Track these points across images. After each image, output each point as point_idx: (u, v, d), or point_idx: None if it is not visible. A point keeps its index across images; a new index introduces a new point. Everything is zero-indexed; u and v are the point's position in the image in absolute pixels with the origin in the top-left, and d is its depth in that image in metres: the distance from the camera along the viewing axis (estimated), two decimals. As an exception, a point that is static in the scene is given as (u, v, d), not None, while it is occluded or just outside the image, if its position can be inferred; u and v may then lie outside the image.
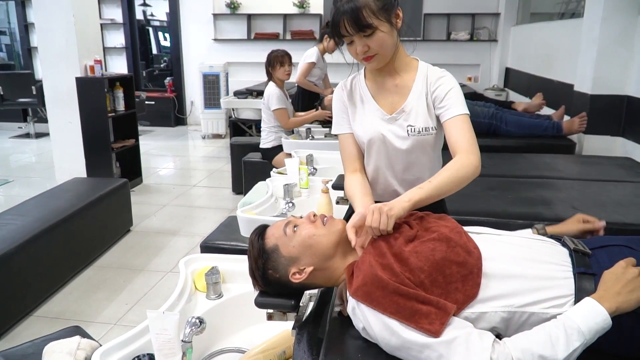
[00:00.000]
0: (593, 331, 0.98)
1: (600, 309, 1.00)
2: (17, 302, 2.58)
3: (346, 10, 1.36)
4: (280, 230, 1.28)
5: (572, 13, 5.00)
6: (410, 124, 1.49)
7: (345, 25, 1.37)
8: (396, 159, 1.54)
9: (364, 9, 1.35)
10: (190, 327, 1.31)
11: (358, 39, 1.40)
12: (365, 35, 1.38)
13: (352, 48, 1.43)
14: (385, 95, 1.54)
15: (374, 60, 1.44)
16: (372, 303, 1.06)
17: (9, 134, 7.44)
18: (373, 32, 1.38)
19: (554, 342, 0.97)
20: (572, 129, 3.38)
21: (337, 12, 1.39)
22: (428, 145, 1.52)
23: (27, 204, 3.13)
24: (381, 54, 1.43)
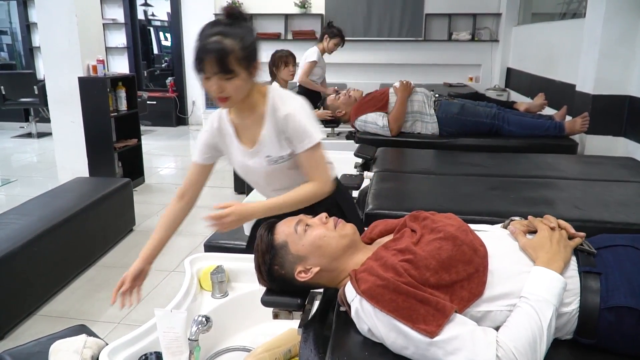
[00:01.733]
0: (556, 295, 1.06)
1: (553, 273, 1.09)
2: (20, 301, 2.58)
3: (214, 50, 1.41)
4: (291, 228, 1.29)
5: (574, 13, 5.01)
6: (267, 155, 1.61)
7: (210, 65, 1.42)
8: (265, 181, 1.70)
9: (229, 55, 1.42)
10: (197, 326, 1.32)
11: (216, 79, 1.45)
12: (225, 78, 1.44)
13: (208, 84, 1.48)
14: (245, 130, 1.65)
15: (227, 102, 1.51)
16: (374, 300, 1.07)
17: (11, 134, 7.45)
18: (232, 77, 1.45)
19: (534, 320, 1.02)
20: (574, 129, 3.38)
21: (203, 48, 1.43)
22: (287, 168, 1.64)
23: (30, 203, 3.14)
24: (234, 97, 1.50)
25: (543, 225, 1.23)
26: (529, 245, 1.17)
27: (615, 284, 1.11)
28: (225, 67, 1.42)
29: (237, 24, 1.49)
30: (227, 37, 1.43)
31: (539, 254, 1.14)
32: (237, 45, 1.43)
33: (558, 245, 1.16)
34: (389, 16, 7.09)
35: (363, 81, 6.83)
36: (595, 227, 1.85)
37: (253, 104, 1.60)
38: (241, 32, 1.46)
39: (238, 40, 1.44)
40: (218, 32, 1.44)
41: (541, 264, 1.11)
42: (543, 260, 1.12)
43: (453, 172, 2.61)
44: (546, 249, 1.14)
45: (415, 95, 3.53)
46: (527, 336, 1.00)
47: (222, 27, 1.46)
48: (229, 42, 1.42)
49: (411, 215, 1.34)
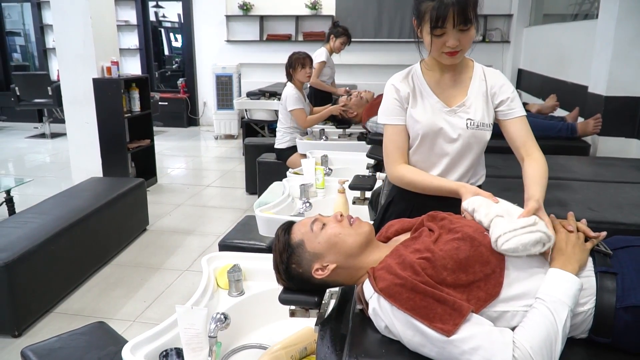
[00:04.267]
0: (571, 296, 1.07)
1: (568, 275, 1.10)
2: (38, 298, 2.63)
3: (456, 1, 1.39)
4: (307, 227, 1.31)
5: (586, 14, 4.99)
6: (470, 118, 1.56)
7: (453, 18, 1.40)
8: (445, 152, 1.60)
9: (470, 4, 1.41)
10: (216, 323, 1.34)
11: (453, 33, 1.44)
12: (462, 29, 1.43)
13: (440, 40, 1.46)
14: (443, 89, 1.61)
15: (457, 55, 1.50)
16: (392, 299, 1.09)
17: (25, 134, 7.55)
18: (469, 28, 1.44)
19: (549, 321, 1.03)
20: (587, 131, 3.37)
21: (442, 2, 1.40)
22: (481, 142, 1.60)
23: (47, 203, 3.19)
24: (464, 50, 1.50)
25: (561, 227, 1.24)
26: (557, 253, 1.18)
27: (631, 284, 1.12)
28: (467, 17, 1.42)
29: None
30: None
31: (555, 256, 1.15)
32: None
33: (574, 248, 1.17)
34: (399, 17, 7.10)
35: (374, 82, 6.84)
36: (609, 228, 1.83)
37: (460, 65, 1.61)
38: None
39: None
40: None
41: (557, 266, 1.12)
42: (559, 262, 1.13)
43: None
44: (562, 251, 1.16)
45: (427, 97, 3.53)
46: (543, 337, 1.02)
47: None
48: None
49: (429, 215, 1.35)
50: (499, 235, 1.15)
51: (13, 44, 9.96)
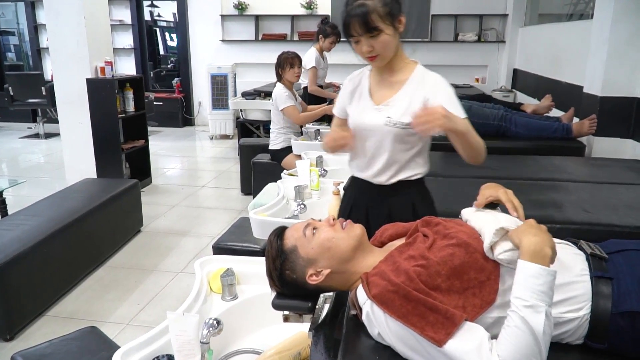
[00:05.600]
0: (545, 292, 0.99)
1: (538, 268, 1.01)
2: (30, 301, 2.60)
3: (357, 13, 1.54)
4: (299, 232, 1.30)
5: (581, 14, 5.00)
6: (389, 116, 1.65)
7: (356, 27, 1.54)
8: (366, 147, 1.71)
9: (372, 13, 1.53)
10: (208, 329, 1.32)
11: (365, 40, 1.56)
12: (371, 36, 1.55)
13: (358, 47, 1.60)
14: (379, 89, 1.72)
15: (377, 59, 1.61)
16: (385, 306, 1.08)
17: (19, 134, 7.50)
18: (378, 34, 1.55)
19: (526, 333, 0.97)
20: (582, 131, 3.38)
21: (348, 14, 1.56)
22: (402, 140, 1.66)
23: (40, 204, 3.16)
24: (383, 54, 1.60)
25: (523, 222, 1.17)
26: (513, 234, 1.10)
27: (627, 289, 1.11)
28: (370, 25, 1.53)
29: None
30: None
31: (524, 240, 1.05)
32: (378, 3, 1.54)
33: (544, 233, 1.08)
34: (395, 17, 7.08)
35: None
36: (604, 230, 1.86)
37: (398, 67, 1.69)
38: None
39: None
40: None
41: (526, 256, 1.03)
42: (529, 250, 1.03)
43: (460, 174, 2.61)
44: (532, 232, 1.07)
45: (422, 97, 3.53)
46: (523, 349, 0.97)
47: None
48: (370, 3, 1.54)
49: (423, 220, 1.34)
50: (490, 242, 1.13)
51: (7, 43, 9.91)
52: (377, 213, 1.76)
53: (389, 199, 1.74)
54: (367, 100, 1.72)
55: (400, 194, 1.73)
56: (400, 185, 1.72)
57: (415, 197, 1.76)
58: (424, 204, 1.78)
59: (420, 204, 1.76)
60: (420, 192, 1.78)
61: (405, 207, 1.74)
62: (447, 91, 1.63)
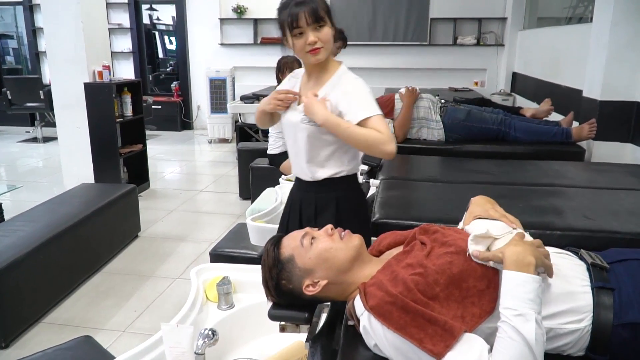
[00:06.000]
0: (532, 299, 1.00)
1: (523, 276, 1.02)
2: (26, 309, 2.58)
3: (305, 4, 1.60)
4: (297, 241, 1.28)
5: (580, 18, 4.99)
6: (305, 115, 1.70)
7: (305, 17, 1.59)
8: (290, 143, 1.81)
9: (319, 5, 1.62)
10: (203, 339, 1.31)
11: (310, 31, 1.61)
12: (318, 26, 1.61)
13: (302, 40, 1.62)
14: (307, 89, 1.78)
15: (319, 52, 1.64)
16: (382, 318, 1.06)
17: (17, 138, 7.48)
18: (324, 25, 1.62)
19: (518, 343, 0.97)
20: (582, 136, 3.36)
21: (295, 6, 1.60)
22: (318, 138, 1.70)
23: (37, 210, 3.14)
24: (325, 47, 1.65)
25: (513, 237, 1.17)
26: (496, 250, 1.10)
27: (629, 300, 1.09)
28: (318, 15, 1.60)
29: None
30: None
31: (506, 251, 1.07)
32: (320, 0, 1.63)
33: (527, 244, 1.10)
34: (394, 20, 7.08)
35: (368, 85, 6.82)
36: (606, 237, 1.83)
37: (326, 67, 1.74)
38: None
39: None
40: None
41: (511, 266, 1.04)
42: (512, 260, 1.05)
43: (460, 179, 2.59)
44: (513, 243, 1.09)
45: (421, 102, 3.52)
46: (518, 358, 0.97)
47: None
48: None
49: (421, 228, 1.32)
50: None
51: (6, 46, 9.89)
52: (306, 208, 1.83)
53: (315, 195, 1.80)
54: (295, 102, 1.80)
55: (324, 191, 1.78)
56: (325, 182, 1.77)
57: (339, 194, 1.79)
58: (350, 201, 1.82)
59: (344, 200, 1.80)
60: (345, 189, 1.81)
61: (329, 204, 1.78)
62: (354, 94, 1.67)
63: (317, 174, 1.77)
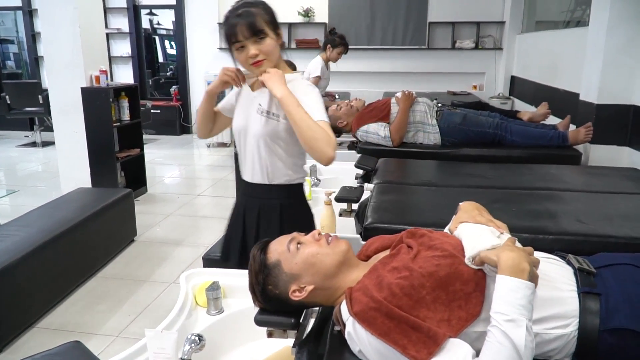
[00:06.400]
0: (524, 305, 0.99)
1: (517, 281, 1.01)
2: (20, 313, 2.57)
3: (243, 17, 1.59)
4: (283, 246, 1.27)
5: (578, 21, 4.98)
6: (260, 103, 1.70)
7: (242, 31, 1.58)
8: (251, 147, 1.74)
9: (257, 17, 1.59)
10: (190, 345, 1.30)
11: (250, 44, 1.60)
12: (258, 39, 1.59)
13: (244, 53, 1.62)
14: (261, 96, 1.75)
15: (262, 64, 1.63)
16: (366, 324, 1.05)
17: (16, 143, 7.49)
18: (264, 37, 1.60)
19: (507, 347, 0.96)
20: (578, 139, 3.35)
21: (232, 19, 1.60)
22: (277, 134, 1.69)
23: (31, 214, 3.14)
24: (269, 59, 1.64)
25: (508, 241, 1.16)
26: (491, 253, 1.09)
27: (615, 305, 1.08)
28: (256, 28, 1.58)
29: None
30: (251, 7, 1.61)
31: (501, 256, 1.05)
32: (261, 10, 1.62)
33: (522, 250, 1.08)
34: (392, 24, 7.09)
35: (366, 89, 6.83)
36: (599, 241, 1.82)
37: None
38: (262, 1, 1.67)
39: (262, 7, 1.63)
40: (243, 4, 1.62)
41: (505, 271, 1.03)
42: (507, 265, 1.03)
43: (455, 183, 2.58)
44: (509, 249, 1.07)
45: (417, 106, 3.51)
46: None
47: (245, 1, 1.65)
48: (254, 9, 1.61)
49: (408, 231, 1.31)
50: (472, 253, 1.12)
51: (7, 51, 9.92)
52: (250, 214, 1.83)
53: (260, 201, 1.80)
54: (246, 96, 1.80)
55: (269, 197, 1.78)
56: (271, 189, 1.77)
57: (284, 201, 1.79)
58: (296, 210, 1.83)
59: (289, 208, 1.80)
60: (290, 197, 1.81)
61: (273, 211, 1.79)
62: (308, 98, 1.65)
63: (262, 178, 1.77)
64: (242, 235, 1.85)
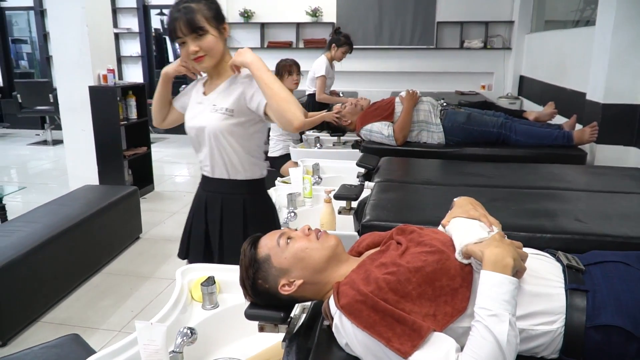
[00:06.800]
0: (507, 300, 1.00)
1: (500, 277, 1.02)
2: (24, 308, 2.61)
3: (182, 13, 1.60)
4: (273, 241, 1.28)
5: (587, 21, 4.94)
6: (214, 103, 1.73)
7: (181, 27, 1.60)
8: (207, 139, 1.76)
9: (197, 13, 1.60)
10: (182, 338, 1.31)
11: (190, 41, 1.62)
12: (197, 35, 1.60)
13: (185, 49, 1.64)
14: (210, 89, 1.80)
15: (204, 60, 1.66)
16: (352, 316, 1.06)
17: (27, 141, 7.59)
18: (204, 34, 1.61)
19: (489, 341, 0.96)
20: (583, 139, 3.32)
21: (172, 15, 1.62)
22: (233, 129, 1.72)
23: (37, 211, 3.18)
24: (210, 55, 1.66)
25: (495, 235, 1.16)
26: (476, 247, 1.10)
27: (602, 302, 1.08)
28: (195, 25, 1.59)
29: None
30: (192, 1, 1.62)
31: (485, 251, 1.06)
32: (202, 5, 1.62)
33: (507, 245, 1.08)
34: (400, 24, 7.08)
35: (374, 89, 6.83)
36: (596, 240, 1.80)
37: (224, 70, 1.76)
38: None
39: (203, 2, 1.63)
40: (185, 0, 1.63)
41: (489, 266, 1.04)
42: (490, 260, 1.04)
43: (455, 182, 2.57)
44: (494, 244, 1.07)
45: (421, 105, 3.51)
46: (488, 358, 0.96)
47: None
48: (194, 5, 1.61)
49: (398, 228, 1.32)
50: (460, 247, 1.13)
51: (20, 51, 10.06)
52: (212, 210, 1.86)
53: (223, 196, 1.83)
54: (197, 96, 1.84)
55: (232, 193, 1.82)
56: (233, 184, 1.81)
57: (246, 197, 1.83)
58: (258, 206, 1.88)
59: (252, 204, 1.84)
60: (253, 193, 1.85)
61: (237, 206, 1.82)
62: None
63: (223, 173, 1.80)
64: (205, 231, 1.88)
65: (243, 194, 1.82)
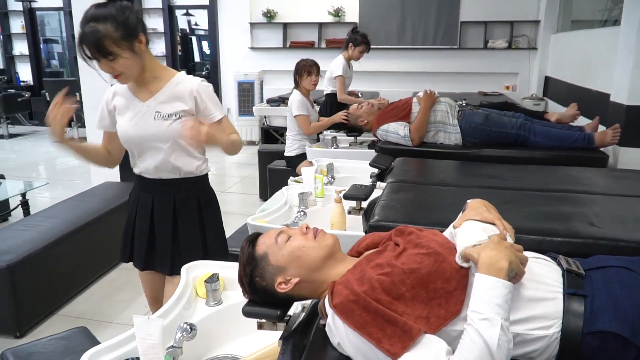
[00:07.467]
0: (500, 304, 0.97)
1: (493, 280, 1.00)
2: (41, 301, 2.68)
3: (89, 39, 1.53)
4: (271, 239, 1.29)
5: (615, 20, 4.82)
6: (158, 111, 1.74)
7: (91, 51, 1.54)
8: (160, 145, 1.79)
9: (105, 39, 1.53)
10: (181, 333, 1.33)
11: (103, 62, 1.58)
12: (108, 60, 1.57)
13: (100, 66, 1.62)
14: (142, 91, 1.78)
15: (121, 78, 1.66)
16: (344, 316, 1.06)
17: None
18: (115, 58, 1.56)
19: (479, 346, 0.95)
20: (605, 141, 3.23)
21: (81, 36, 1.55)
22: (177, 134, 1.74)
23: (57, 206, 3.26)
24: (127, 73, 1.64)
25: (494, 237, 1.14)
26: (473, 250, 1.08)
27: (600, 308, 1.05)
28: (104, 51, 1.54)
29: (111, 4, 1.59)
30: (99, 22, 1.54)
31: (481, 254, 1.04)
32: (110, 28, 1.54)
33: (505, 248, 1.05)
34: (423, 24, 7.03)
35: (396, 89, 6.79)
36: (608, 245, 1.75)
37: (155, 77, 1.76)
38: (114, 12, 1.57)
39: (111, 22, 1.55)
40: (91, 18, 1.55)
41: (483, 269, 1.02)
42: (485, 263, 1.02)
43: (468, 184, 2.54)
44: (490, 247, 1.05)
45: (438, 105, 3.47)
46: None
47: (95, 9, 1.57)
48: (102, 27, 1.53)
49: (397, 229, 1.31)
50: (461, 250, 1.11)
51: (52, 50, 10.34)
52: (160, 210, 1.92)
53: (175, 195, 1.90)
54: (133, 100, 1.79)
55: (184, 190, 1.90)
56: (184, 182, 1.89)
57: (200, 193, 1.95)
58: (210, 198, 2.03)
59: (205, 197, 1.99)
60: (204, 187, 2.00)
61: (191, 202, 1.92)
62: (206, 94, 1.78)
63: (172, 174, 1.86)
64: (150, 233, 1.92)
65: (196, 190, 1.92)
